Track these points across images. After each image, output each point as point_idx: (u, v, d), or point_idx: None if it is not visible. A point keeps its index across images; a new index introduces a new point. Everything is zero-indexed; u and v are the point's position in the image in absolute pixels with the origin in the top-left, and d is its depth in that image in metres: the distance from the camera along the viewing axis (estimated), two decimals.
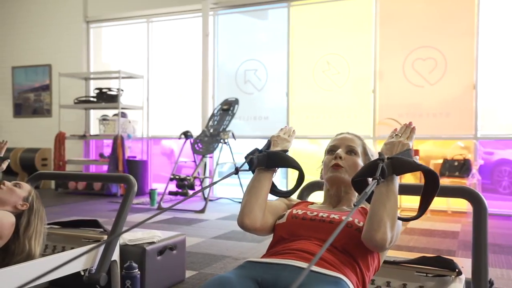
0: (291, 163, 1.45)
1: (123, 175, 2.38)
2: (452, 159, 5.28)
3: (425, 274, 1.66)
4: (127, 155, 6.69)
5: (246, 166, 1.45)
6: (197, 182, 5.63)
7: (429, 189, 1.25)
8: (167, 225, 4.35)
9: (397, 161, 1.22)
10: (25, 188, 2.03)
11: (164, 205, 5.51)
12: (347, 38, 5.89)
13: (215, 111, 6.09)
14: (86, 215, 4.63)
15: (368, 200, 1.26)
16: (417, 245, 3.62)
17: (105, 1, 7.28)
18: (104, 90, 6.80)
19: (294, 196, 1.62)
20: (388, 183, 1.22)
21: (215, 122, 5.98)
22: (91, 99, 6.99)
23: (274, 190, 1.49)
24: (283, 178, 6.29)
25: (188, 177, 5.49)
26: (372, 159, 1.44)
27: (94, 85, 7.49)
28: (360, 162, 1.45)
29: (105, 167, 6.99)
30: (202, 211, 5.14)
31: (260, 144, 1.53)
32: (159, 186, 6.43)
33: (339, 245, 1.24)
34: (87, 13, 7.41)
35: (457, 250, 3.47)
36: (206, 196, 6.07)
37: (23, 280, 1.85)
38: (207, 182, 5.71)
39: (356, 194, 1.44)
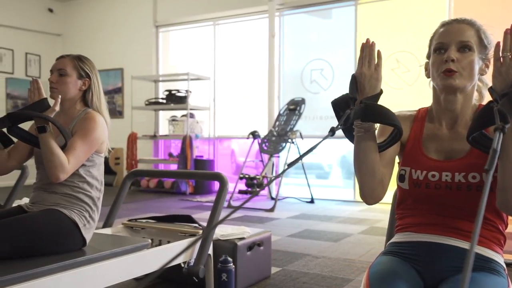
0: (391, 119, 1.15)
1: (215, 173, 2.48)
2: None
3: None
4: (195, 155, 6.90)
5: (339, 133, 1.19)
6: (265, 181, 5.71)
7: None
8: (240, 222, 4.44)
9: None
10: (69, 66, 1.87)
11: (234, 203, 5.63)
12: (417, 35, 5.75)
13: (282, 111, 6.15)
14: (160, 212, 4.84)
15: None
16: None
17: (173, 6, 7.55)
18: (173, 92, 7.06)
19: None
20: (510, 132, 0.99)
21: (282, 122, 6.03)
22: (161, 100, 7.27)
23: None
24: None
25: (257, 176, 5.58)
26: (490, 48, 1.19)
27: (162, 87, 7.78)
28: (477, 60, 1.17)
29: (173, 166, 7.25)
30: (271, 209, 5.21)
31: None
32: None
33: (473, 212, 1.13)
34: (157, 18, 7.72)
35: None
36: (273, 195, 6.14)
37: (137, 270, 1.97)
38: (274, 181, 5.78)
39: (478, 95, 1.23)
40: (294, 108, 6.00)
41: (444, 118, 1.23)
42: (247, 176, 5.64)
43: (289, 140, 5.67)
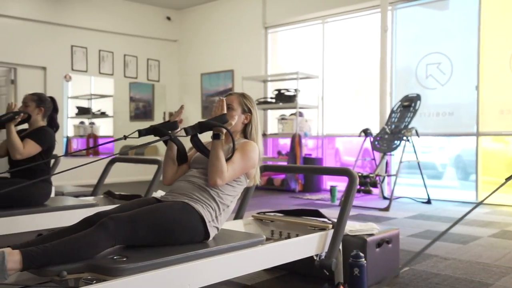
0: None
1: (344, 168, 2.49)
2: None
3: None
4: (304, 153, 6.96)
5: None
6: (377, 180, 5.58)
7: None
8: (356, 221, 4.39)
9: None
10: (236, 100, 2.14)
11: None
12: None
13: (395, 108, 5.95)
14: (272, 208, 4.95)
15: None
16: None
17: (282, 7, 7.69)
18: (282, 91, 7.19)
19: None
20: None
21: (395, 119, 5.84)
22: (269, 100, 7.45)
23: None
24: None
25: (370, 175, 5.47)
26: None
27: (271, 86, 7.96)
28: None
29: (281, 164, 7.38)
30: (386, 209, 5.08)
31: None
32: (333, 184, 6.53)
33: None
34: (266, 19, 7.92)
35: None
36: (385, 195, 5.98)
37: (252, 265, 2.02)
38: (387, 180, 5.63)
39: None
40: (409, 104, 5.78)
41: None
42: (359, 174, 5.55)
43: (404, 138, 5.47)
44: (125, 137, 1.92)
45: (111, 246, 1.69)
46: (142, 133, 1.97)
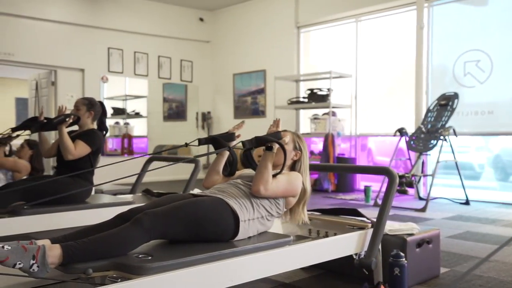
0: None
1: (384, 167, 2.47)
2: None
3: None
4: (337, 153, 6.91)
5: None
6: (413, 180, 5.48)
7: None
8: (393, 221, 4.33)
9: None
10: (289, 137, 2.21)
11: (380, 202, 5.49)
12: None
13: (431, 107, 5.83)
14: (307, 207, 4.93)
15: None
16: None
17: (314, 7, 7.66)
18: (315, 91, 7.16)
19: None
20: None
21: (432, 119, 5.72)
22: (302, 99, 7.43)
23: None
24: None
25: (406, 175, 5.38)
26: None
27: (303, 86, 7.94)
28: None
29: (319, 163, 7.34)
30: (423, 209, 4.98)
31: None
32: (367, 184, 6.46)
33: None
34: (298, 19, 7.90)
35: None
36: (421, 195, 5.87)
37: (280, 266, 1.98)
38: (423, 180, 5.52)
39: None
40: (446, 103, 5.65)
41: None
42: None
43: (441, 137, 5.35)
44: (186, 145, 2.00)
45: (146, 241, 1.71)
46: (201, 141, 2.03)
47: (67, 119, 3.04)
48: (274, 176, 2.03)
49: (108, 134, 8.81)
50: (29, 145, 3.94)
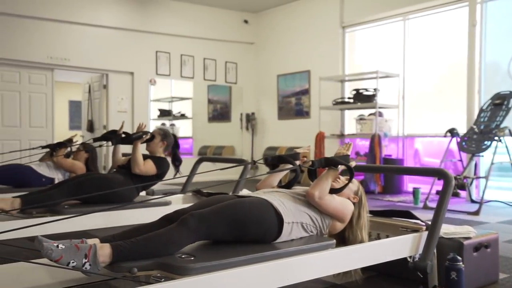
0: None
1: (439, 169, 2.42)
2: None
3: None
4: (383, 154, 6.78)
5: None
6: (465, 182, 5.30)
7: None
8: (447, 224, 4.21)
9: None
10: (355, 183, 2.26)
11: (430, 204, 5.35)
12: None
13: (485, 107, 5.62)
14: None
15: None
16: None
17: (360, 5, 7.55)
18: (360, 91, 7.06)
19: None
20: None
21: (485, 119, 5.51)
22: (347, 100, 7.34)
23: None
24: None
25: (458, 177, 5.21)
26: None
27: (348, 86, 7.84)
28: None
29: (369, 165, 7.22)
30: (476, 213, 4.81)
31: None
32: (415, 185, 6.29)
33: None
34: (343, 19, 7.82)
35: None
36: (473, 198, 5.67)
37: (324, 269, 1.97)
38: (475, 182, 5.32)
39: None
40: (501, 102, 5.42)
41: None
42: None
43: (496, 138, 5.14)
44: (254, 162, 2.20)
45: (192, 242, 1.74)
46: (268, 160, 2.21)
47: (143, 136, 3.34)
48: (331, 192, 2.08)
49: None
50: (85, 149, 4.12)
